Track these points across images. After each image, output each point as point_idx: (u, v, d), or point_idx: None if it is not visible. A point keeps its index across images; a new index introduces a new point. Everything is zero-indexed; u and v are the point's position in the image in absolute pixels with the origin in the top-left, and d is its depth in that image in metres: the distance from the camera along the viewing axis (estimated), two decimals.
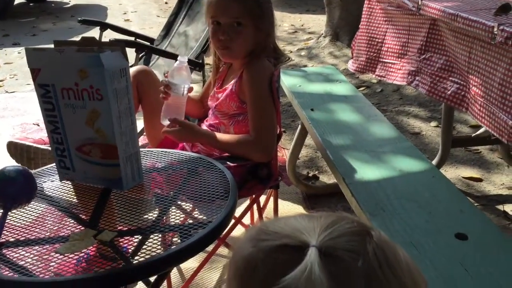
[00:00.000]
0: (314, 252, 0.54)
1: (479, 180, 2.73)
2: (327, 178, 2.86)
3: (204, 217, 1.24)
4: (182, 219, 1.26)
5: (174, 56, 2.97)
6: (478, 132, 2.73)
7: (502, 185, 2.68)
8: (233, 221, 2.04)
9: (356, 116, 2.13)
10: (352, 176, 1.63)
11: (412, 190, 1.53)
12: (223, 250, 2.21)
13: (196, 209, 1.35)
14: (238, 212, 2.07)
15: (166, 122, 1.80)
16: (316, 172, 2.95)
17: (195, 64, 3.01)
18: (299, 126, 2.65)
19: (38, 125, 3.62)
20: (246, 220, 2.34)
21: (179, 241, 1.14)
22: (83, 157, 1.37)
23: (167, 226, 1.22)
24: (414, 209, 1.43)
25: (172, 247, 1.14)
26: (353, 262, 0.54)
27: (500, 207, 2.47)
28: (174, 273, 2.10)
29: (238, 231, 2.21)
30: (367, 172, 1.66)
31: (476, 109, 1.83)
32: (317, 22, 6.90)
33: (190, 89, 1.93)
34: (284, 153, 3.01)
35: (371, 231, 0.58)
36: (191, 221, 1.23)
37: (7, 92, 4.48)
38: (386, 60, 2.36)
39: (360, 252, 0.55)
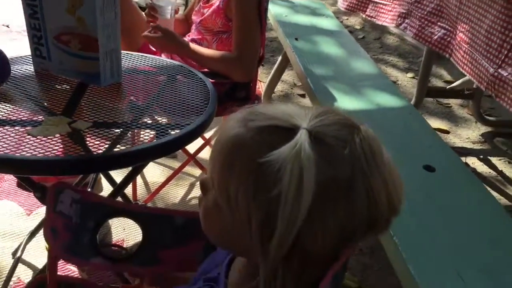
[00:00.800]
0: (305, 133, 0.54)
1: (447, 132, 2.80)
2: None
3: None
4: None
5: None
6: (453, 85, 2.77)
7: (467, 139, 2.77)
8: (202, 141, 2.05)
9: (340, 50, 2.12)
10: (330, 105, 1.64)
11: (387, 124, 1.55)
12: (190, 169, 2.22)
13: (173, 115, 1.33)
14: (208, 135, 2.08)
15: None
16: None
17: None
18: (280, 57, 2.62)
19: (8, 27, 3.46)
20: None
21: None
22: (61, 46, 1.31)
23: (144, 123, 1.20)
24: (387, 139, 1.43)
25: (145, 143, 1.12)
26: (340, 149, 0.55)
27: (463, 158, 2.55)
28: (140, 185, 2.11)
29: (207, 152, 2.22)
30: (345, 102, 1.67)
31: (459, 56, 1.85)
32: None
33: (176, 10, 1.86)
34: (260, 85, 2.99)
35: (360, 125, 0.58)
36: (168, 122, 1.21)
37: None
38: (378, 1, 2.33)
39: (348, 141, 0.55)
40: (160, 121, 1.20)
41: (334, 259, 0.58)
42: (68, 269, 1.56)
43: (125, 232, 1.82)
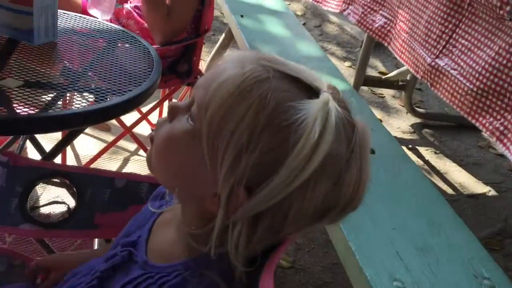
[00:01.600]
0: (332, 99, 0.52)
1: (379, 121, 2.90)
2: None
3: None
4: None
5: None
6: (389, 75, 2.86)
7: (398, 128, 2.87)
8: (139, 115, 1.98)
9: (285, 31, 2.11)
10: None
11: None
12: (125, 143, 2.14)
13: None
14: (145, 109, 2.01)
15: (94, 12, 1.65)
16: None
17: None
18: (223, 35, 2.58)
19: None
20: (153, 117, 2.28)
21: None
22: None
23: (83, 87, 1.12)
24: None
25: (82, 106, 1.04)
26: (344, 130, 0.53)
27: None
28: (70, 158, 2.00)
29: (143, 127, 2.15)
30: None
31: (398, 45, 1.90)
32: None
33: None
34: (201, 64, 2.93)
35: (356, 123, 0.56)
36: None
37: None
38: None
39: (351, 124, 0.54)
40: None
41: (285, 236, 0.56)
42: None
43: (58, 198, 1.72)
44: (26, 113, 0.96)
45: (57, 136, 1.91)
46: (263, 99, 0.51)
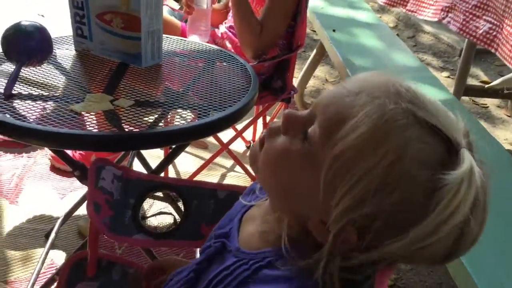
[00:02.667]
0: (469, 155, 0.48)
1: (486, 131, 2.72)
2: None
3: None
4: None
5: None
6: (492, 84, 2.69)
7: (505, 140, 2.68)
8: (234, 132, 2.03)
9: (379, 42, 2.07)
10: None
11: None
12: (222, 160, 2.20)
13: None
14: (239, 126, 2.06)
15: (193, 38, 1.74)
16: None
17: None
18: (314, 51, 2.58)
19: (43, 16, 3.50)
20: (248, 134, 2.32)
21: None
22: (103, 26, 1.30)
23: (186, 103, 1.18)
24: None
25: (186, 123, 1.09)
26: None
27: None
28: (172, 174, 2.10)
29: (238, 144, 2.20)
30: None
31: (506, 50, 1.78)
32: None
33: (213, 0, 1.85)
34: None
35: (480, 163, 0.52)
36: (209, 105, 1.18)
37: None
38: None
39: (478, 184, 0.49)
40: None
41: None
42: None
43: (165, 209, 1.81)
44: (138, 129, 1.02)
45: (159, 154, 2.01)
46: (401, 149, 0.47)
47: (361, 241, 0.50)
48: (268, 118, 2.24)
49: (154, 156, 2.02)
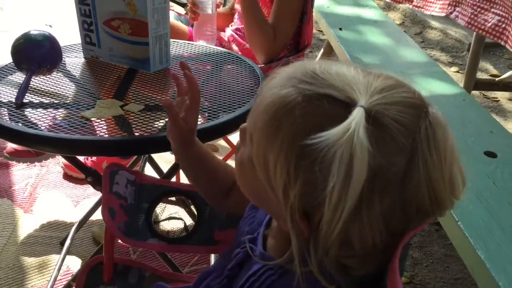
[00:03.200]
0: (361, 113, 0.47)
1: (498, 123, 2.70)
2: None
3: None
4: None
5: None
6: (503, 77, 2.66)
7: None
8: None
9: (386, 39, 2.06)
10: None
11: (441, 110, 1.48)
12: (233, 163, 2.20)
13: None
14: None
15: (201, 43, 1.75)
16: None
17: None
18: (321, 50, 2.58)
19: (51, 26, 3.53)
20: None
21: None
22: (110, 32, 1.31)
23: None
24: None
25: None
26: (399, 137, 0.48)
27: None
28: (183, 178, 2.10)
29: None
30: None
31: None
32: None
33: (218, 5, 1.86)
34: None
35: (428, 107, 0.51)
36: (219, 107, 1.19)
37: None
38: None
39: (410, 128, 0.48)
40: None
41: (385, 253, 0.52)
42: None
43: (176, 214, 1.82)
44: (148, 133, 1.03)
45: (170, 158, 2.02)
46: (294, 131, 0.49)
47: (313, 228, 0.50)
48: None
49: (167, 161, 2.02)
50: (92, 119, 1.06)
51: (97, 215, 1.74)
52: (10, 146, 1.88)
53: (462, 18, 2.02)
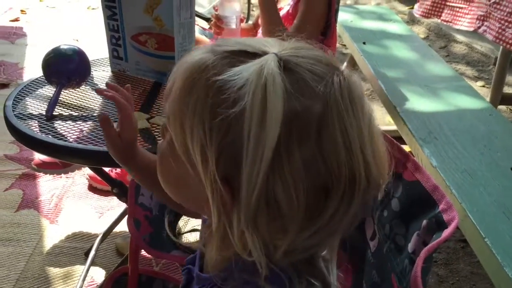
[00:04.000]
0: (273, 57, 0.47)
1: None
2: None
3: None
4: None
5: None
6: None
7: None
8: None
9: (411, 53, 2.05)
10: (404, 105, 1.58)
11: (467, 125, 1.47)
12: None
13: None
14: None
15: None
16: None
17: None
18: (344, 64, 2.58)
19: (77, 41, 3.61)
20: None
21: None
22: (137, 46, 1.34)
23: None
24: (468, 141, 1.37)
25: None
26: (313, 83, 0.47)
27: None
28: None
29: None
30: (420, 104, 1.60)
31: None
32: None
33: (242, 19, 1.88)
34: None
35: (342, 69, 0.50)
36: None
37: (47, 7, 4.47)
38: (453, 4, 2.23)
39: (324, 78, 0.47)
40: None
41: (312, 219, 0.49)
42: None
43: (197, 227, 1.82)
44: None
45: None
46: (206, 88, 0.47)
47: (235, 195, 0.48)
48: None
49: None
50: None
51: (121, 227, 1.76)
52: (38, 157, 1.92)
53: (490, 33, 2.00)
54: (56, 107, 1.17)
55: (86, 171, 2.05)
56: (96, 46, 2.57)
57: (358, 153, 0.47)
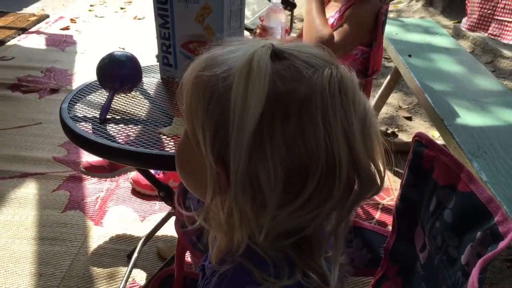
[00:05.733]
0: (267, 46, 0.50)
1: None
2: (407, 137, 2.76)
3: None
4: None
5: None
6: None
7: None
8: None
9: (458, 67, 2.01)
10: (452, 119, 1.55)
11: None
12: None
13: None
14: None
15: None
16: (396, 129, 2.85)
17: (288, 4, 2.94)
18: (388, 77, 2.55)
19: (123, 49, 3.72)
20: None
21: None
22: (187, 54, 1.37)
23: None
24: None
25: None
26: (303, 70, 0.49)
27: None
28: None
29: None
30: (468, 118, 1.57)
31: None
32: None
33: (287, 30, 1.89)
34: None
35: (340, 65, 0.52)
36: None
37: (96, 16, 4.62)
38: (501, 18, 2.19)
39: (316, 67, 0.50)
40: None
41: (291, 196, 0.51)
42: None
43: None
44: None
45: None
46: (203, 65, 0.52)
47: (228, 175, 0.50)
48: None
49: None
50: (169, 135, 1.11)
51: (162, 231, 1.79)
52: (87, 161, 1.98)
53: None
54: (109, 110, 1.21)
55: (130, 175, 2.10)
56: (141, 54, 2.64)
57: (340, 138, 0.49)
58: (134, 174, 2.07)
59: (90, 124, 1.15)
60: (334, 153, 0.48)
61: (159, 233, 1.78)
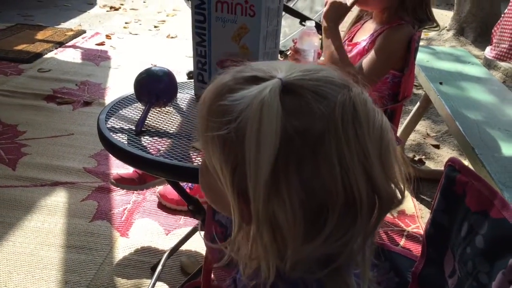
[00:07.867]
0: (276, 82, 0.50)
1: None
2: (434, 165, 2.74)
3: None
4: None
5: (300, 16, 2.95)
6: None
7: None
8: None
9: (490, 96, 2.00)
10: (483, 148, 1.54)
11: None
12: None
13: None
14: None
15: None
16: (423, 157, 2.83)
17: (321, 28, 2.98)
18: (418, 103, 2.55)
19: (155, 65, 3.81)
20: None
21: None
22: (222, 72, 1.40)
23: None
24: None
25: None
26: (314, 103, 0.49)
27: None
28: None
29: None
30: (500, 147, 1.55)
31: None
32: (440, 17, 6.56)
33: (319, 53, 1.91)
34: None
35: (352, 87, 0.52)
36: None
37: (131, 33, 4.75)
38: None
39: (327, 97, 0.50)
40: None
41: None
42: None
43: None
44: None
45: None
46: (217, 111, 0.53)
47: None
48: None
49: None
50: (202, 150, 1.13)
51: (187, 246, 1.81)
52: (117, 173, 2.03)
53: None
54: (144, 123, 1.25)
55: (157, 189, 2.13)
56: (172, 71, 2.70)
57: (358, 172, 0.49)
58: (161, 188, 2.10)
59: (126, 135, 1.19)
60: (353, 187, 0.49)
61: (183, 247, 1.80)
